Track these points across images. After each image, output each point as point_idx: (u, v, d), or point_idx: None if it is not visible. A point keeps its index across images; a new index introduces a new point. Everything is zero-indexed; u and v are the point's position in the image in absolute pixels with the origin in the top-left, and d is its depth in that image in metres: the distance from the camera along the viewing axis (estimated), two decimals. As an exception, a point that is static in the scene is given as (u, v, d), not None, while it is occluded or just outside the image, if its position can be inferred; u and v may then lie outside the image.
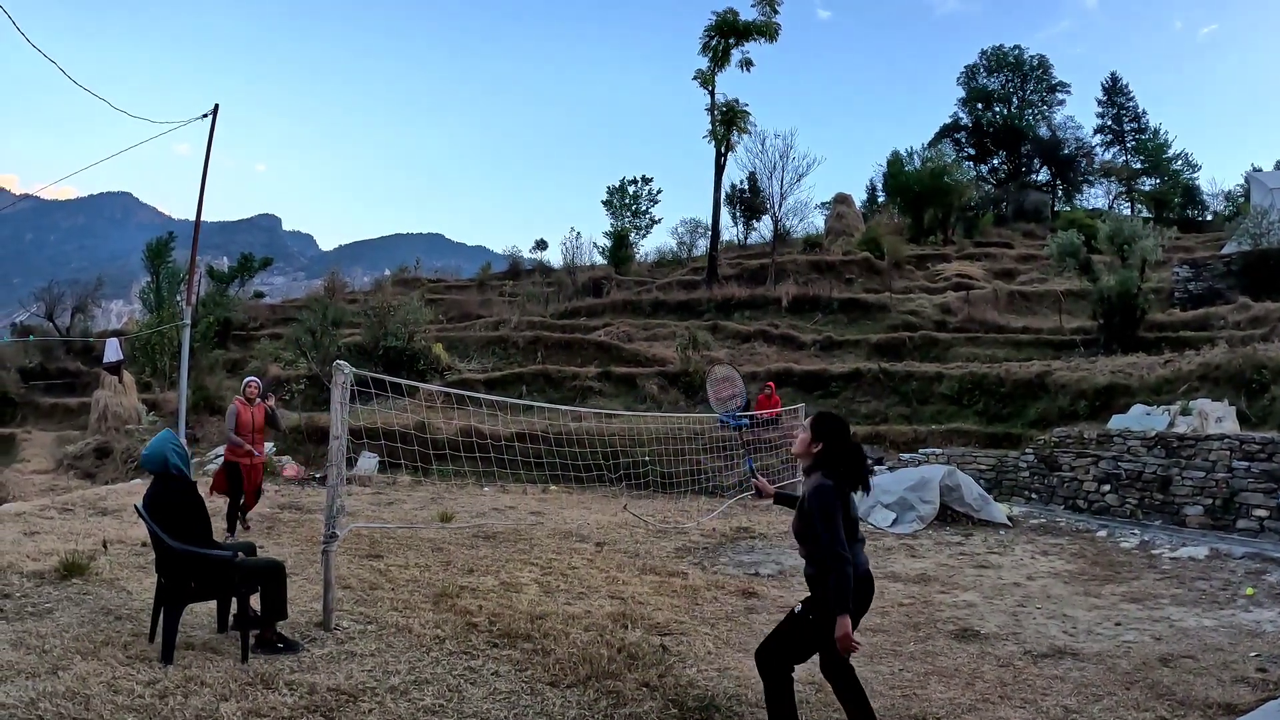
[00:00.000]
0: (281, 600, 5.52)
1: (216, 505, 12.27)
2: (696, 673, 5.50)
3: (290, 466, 17.33)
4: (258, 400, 10.13)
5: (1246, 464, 11.63)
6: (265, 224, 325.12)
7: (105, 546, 8.16)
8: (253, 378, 10.69)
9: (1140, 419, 14.16)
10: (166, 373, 27.68)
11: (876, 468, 16.75)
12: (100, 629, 5.64)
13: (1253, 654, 6.00)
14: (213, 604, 5.87)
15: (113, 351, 24.87)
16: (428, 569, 8.26)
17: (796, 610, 4.21)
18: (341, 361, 6.14)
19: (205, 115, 16.95)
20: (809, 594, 4.20)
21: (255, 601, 5.52)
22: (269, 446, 15.36)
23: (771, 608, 7.55)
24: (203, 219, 17.35)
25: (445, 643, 5.85)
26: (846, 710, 4.27)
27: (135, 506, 5.67)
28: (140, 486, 13.41)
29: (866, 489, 4.23)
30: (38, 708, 4.23)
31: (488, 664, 5.46)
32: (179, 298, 30.96)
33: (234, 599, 5.52)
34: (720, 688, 5.21)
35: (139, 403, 23.94)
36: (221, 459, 10.86)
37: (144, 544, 8.25)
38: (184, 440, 15.17)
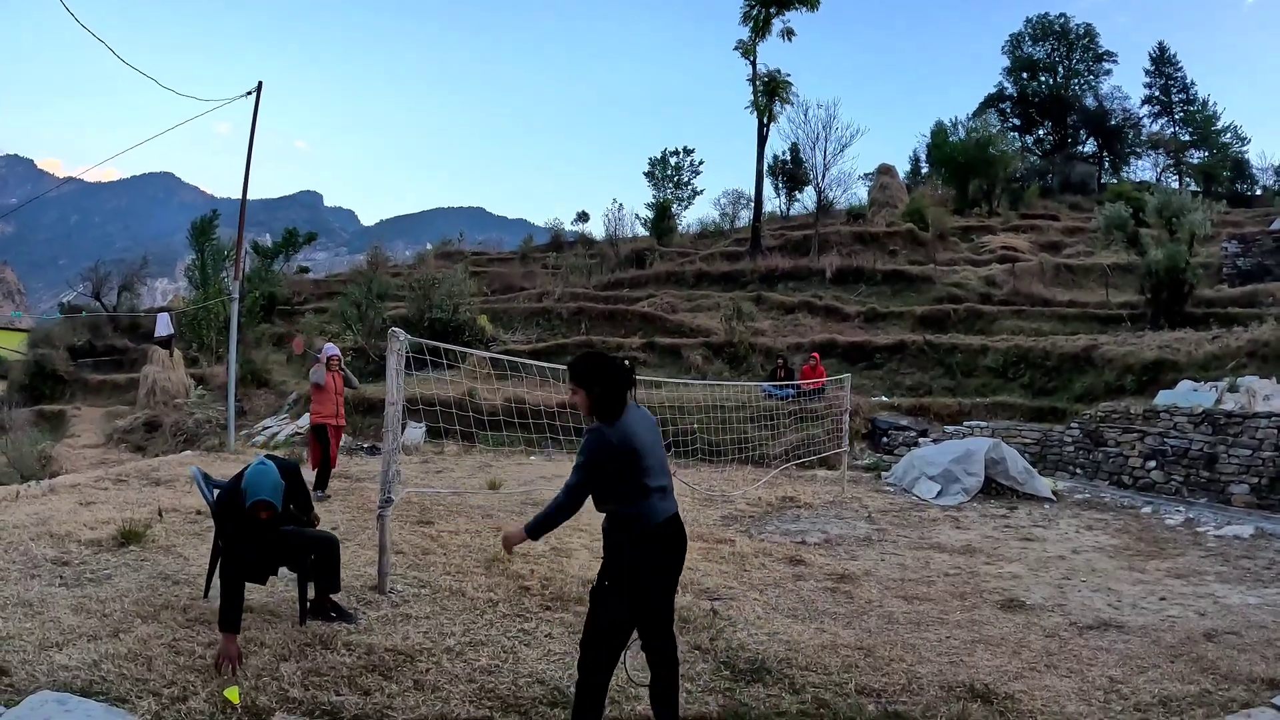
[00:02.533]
0: (335, 573, 5.58)
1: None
2: (747, 636, 5.61)
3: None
4: (335, 367, 11.09)
5: (1295, 443, 11.47)
6: (307, 200, 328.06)
7: (160, 515, 8.30)
8: (332, 346, 11.65)
9: (1187, 395, 14.00)
10: (213, 348, 28.23)
11: (920, 440, 16.73)
12: (159, 593, 5.77)
13: None
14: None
15: (164, 326, 25.40)
16: (478, 534, 8.42)
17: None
18: (397, 329, 6.26)
19: (249, 93, 17.22)
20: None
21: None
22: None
23: (819, 574, 7.65)
24: (246, 197, 17.65)
25: (498, 606, 5.98)
26: (653, 674, 3.95)
27: (194, 474, 5.76)
28: (190, 458, 13.76)
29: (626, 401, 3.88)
30: (100, 669, 4.35)
31: (541, 626, 5.59)
32: (224, 274, 31.50)
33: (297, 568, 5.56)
34: (770, 651, 5.31)
35: (187, 377, 24.45)
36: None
37: (199, 512, 8.46)
38: (232, 413, 15.52)
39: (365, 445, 16.60)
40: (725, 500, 11.67)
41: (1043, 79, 58.53)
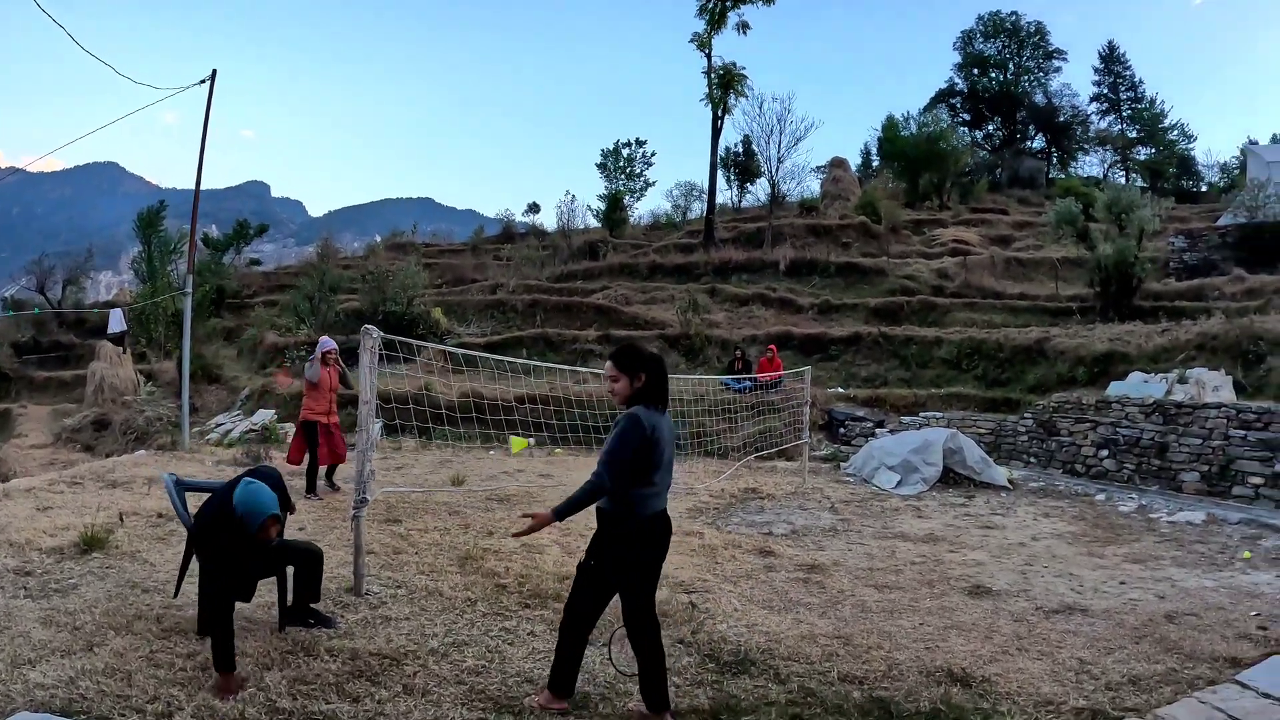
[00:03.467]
0: (317, 584, 5.50)
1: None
2: (727, 628, 5.67)
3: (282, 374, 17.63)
4: (331, 362, 10.81)
5: (1243, 433, 11.81)
6: (254, 191, 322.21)
7: (122, 519, 8.09)
8: (328, 339, 11.23)
9: (1138, 386, 14.35)
10: (162, 343, 27.66)
11: (877, 430, 16.97)
12: (129, 603, 5.63)
13: (1253, 613, 6.19)
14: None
15: (116, 322, 24.85)
16: (448, 532, 8.37)
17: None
18: (370, 326, 6.21)
19: (202, 81, 16.87)
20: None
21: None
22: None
23: (790, 565, 7.75)
24: (193, 187, 17.33)
25: (477, 605, 5.97)
26: (639, 662, 4.21)
27: (166, 480, 5.68)
28: (146, 458, 13.47)
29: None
30: (79, 686, 4.24)
31: (522, 624, 5.59)
32: (171, 267, 30.85)
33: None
34: (752, 642, 5.38)
35: (135, 374, 23.93)
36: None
37: (159, 515, 8.28)
38: (186, 409, 15.22)
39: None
40: (689, 493, 11.74)
41: (993, 75, 59.62)
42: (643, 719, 4.18)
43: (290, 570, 5.34)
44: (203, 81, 16.87)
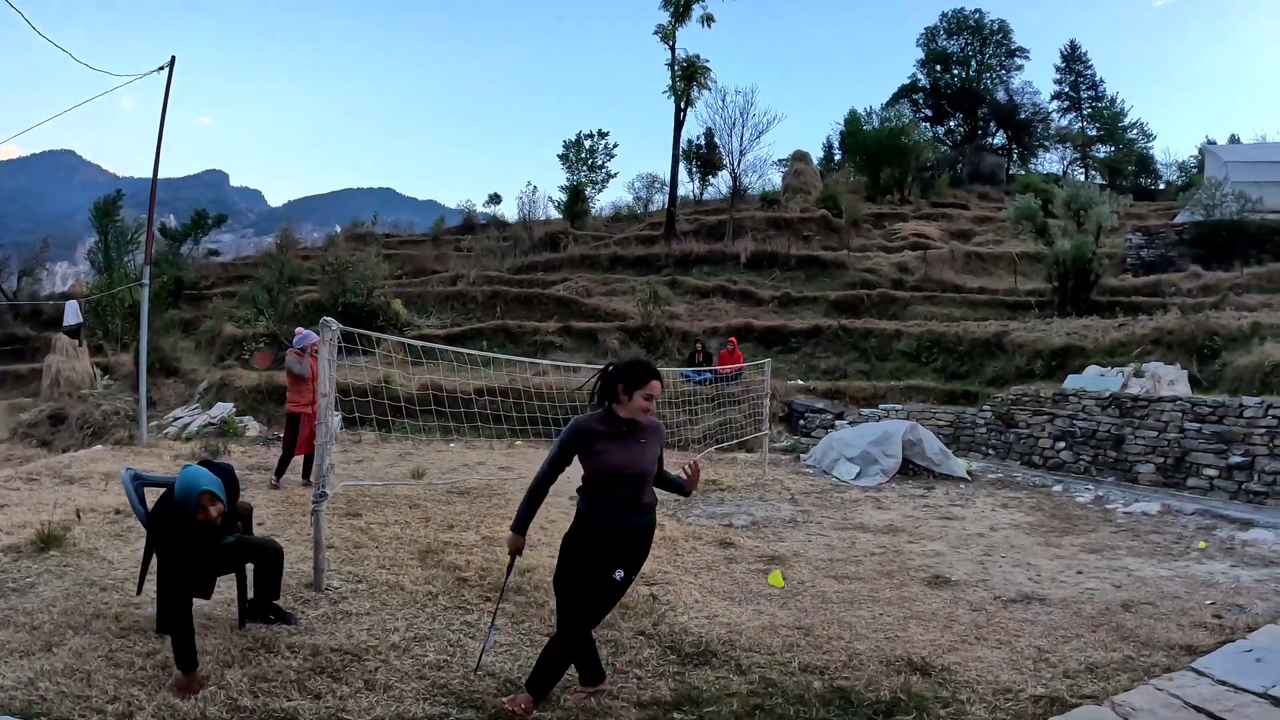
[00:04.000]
0: (278, 581, 5.42)
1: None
2: (688, 620, 5.68)
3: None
4: (310, 354, 10.81)
5: (1197, 425, 12.03)
6: (212, 180, 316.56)
7: (79, 516, 7.95)
8: (312, 333, 11.00)
9: (1095, 380, 14.57)
10: (118, 335, 27.19)
11: (837, 422, 17.09)
12: (88, 601, 5.53)
13: (1208, 602, 6.31)
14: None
15: (72, 314, 24.36)
16: (408, 525, 8.32)
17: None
18: (329, 318, 6.15)
19: (161, 68, 16.56)
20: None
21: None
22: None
23: (750, 556, 7.79)
24: (149, 176, 17.03)
25: (438, 598, 5.94)
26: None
27: (135, 511, 5.43)
28: (103, 453, 13.25)
29: None
30: (38, 687, 4.17)
31: (484, 618, 5.54)
32: (128, 258, 30.33)
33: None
34: (713, 634, 5.40)
35: (92, 367, 23.48)
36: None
37: (117, 511, 8.15)
38: (145, 404, 14.98)
39: (279, 435, 16.19)
40: (650, 484, 11.73)
41: (956, 72, 60.21)
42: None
43: (250, 568, 5.29)
44: (162, 68, 16.55)
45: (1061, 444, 13.98)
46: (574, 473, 4.35)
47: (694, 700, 4.35)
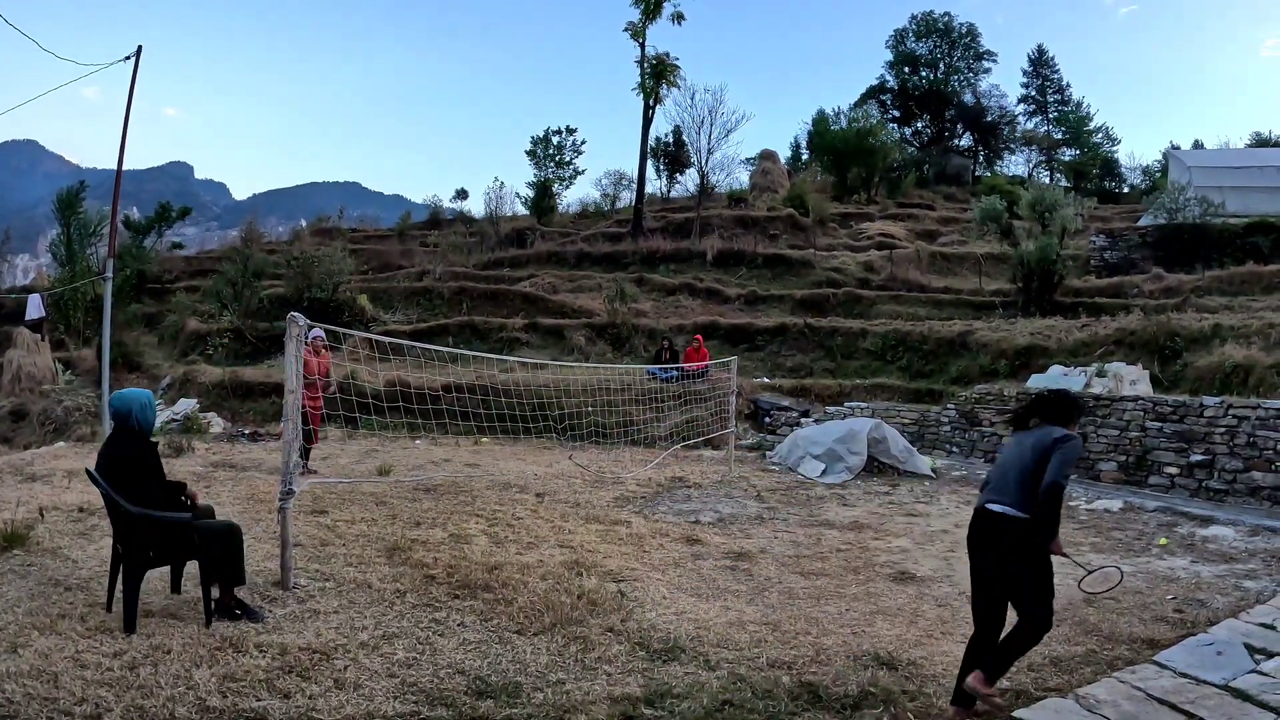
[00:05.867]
0: (240, 564, 5.43)
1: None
2: (656, 616, 5.72)
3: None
4: (323, 351, 11.27)
5: (1159, 425, 12.21)
6: (176, 172, 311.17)
7: (42, 514, 7.82)
8: (318, 329, 11.18)
9: (1058, 379, 14.75)
10: (81, 330, 26.78)
11: (802, 420, 17.18)
12: (53, 601, 5.45)
13: (1169, 597, 6.46)
14: (165, 568, 5.72)
15: (34, 308, 24.01)
16: (375, 523, 8.29)
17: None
18: (296, 314, 6.10)
19: (128, 58, 16.37)
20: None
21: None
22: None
23: (717, 553, 7.84)
24: (113, 167, 16.83)
25: (406, 596, 5.93)
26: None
27: (87, 470, 5.49)
28: (66, 450, 13.07)
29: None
30: (4, 690, 4.11)
31: (452, 615, 5.56)
32: (91, 251, 29.85)
33: (195, 561, 5.38)
34: (681, 630, 5.44)
35: (54, 362, 23.14)
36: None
37: (81, 509, 8.05)
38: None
39: (246, 432, 16.06)
40: (616, 482, 11.79)
41: (924, 74, 60.59)
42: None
43: (213, 555, 5.29)
44: (128, 58, 16.38)
45: (1024, 442, 14.12)
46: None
47: (664, 696, 4.39)
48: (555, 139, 49.74)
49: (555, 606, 5.66)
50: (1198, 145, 45.14)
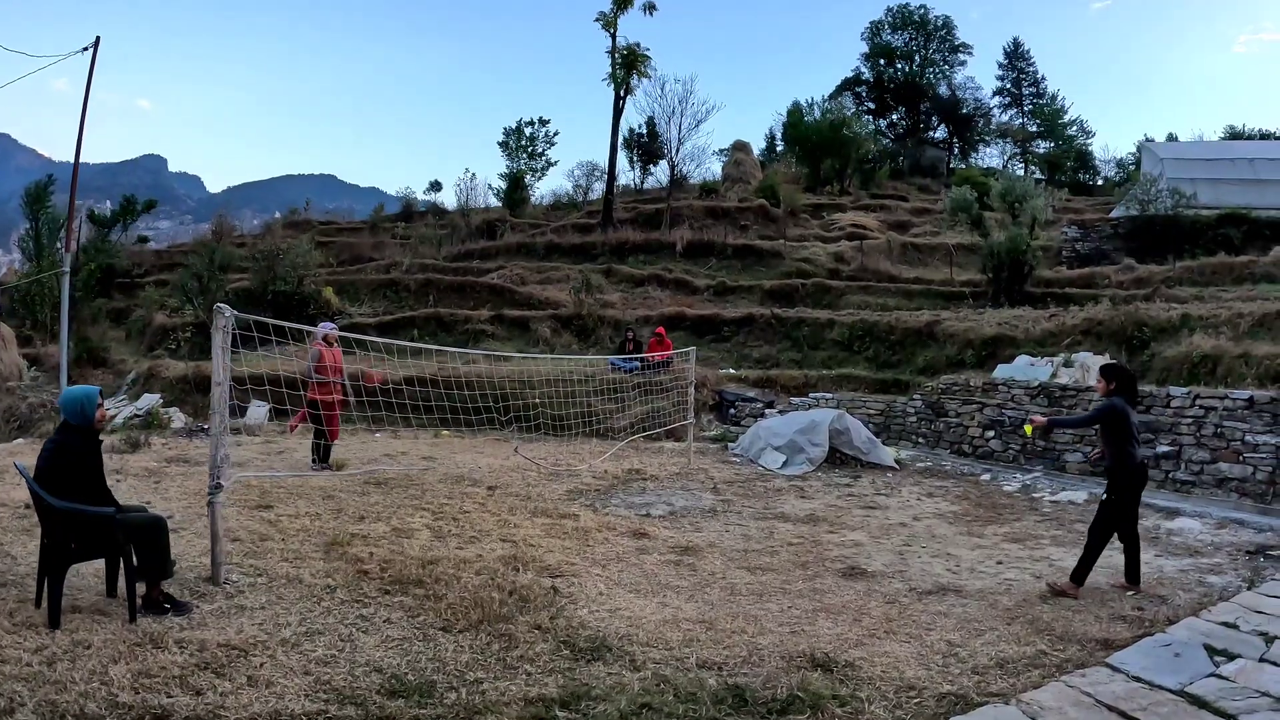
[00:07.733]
0: (165, 558, 5.32)
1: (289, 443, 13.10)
2: (588, 613, 5.58)
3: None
4: (335, 344, 11.33)
5: (1126, 415, 12.20)
6: (150, 165, 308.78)
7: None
8: (330, 324, 11.74)
9: (1024, 369, 14.73)
10: (48, 325, 26.36)
11: (767, 411, 17.09)
12: (-15, 597, 5.34)
13: (1129, 594, 6.32)
14: (100, 566, 5.65)
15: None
16: (318, 517, 8.14)
17: (1102, 498, 6.67)
18: (222, 305, 5.93)
19: (85, 49, 16.10)
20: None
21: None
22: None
23: (663, 547, 7.70)
24: (84, 160, 16.53)
25: (336, 592, 5.79)
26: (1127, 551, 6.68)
27: (15, 465, 5.44)
28: (22, 447, 12.81)
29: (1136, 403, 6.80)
30: None
31: (380, 611, 5.43)
32: (59, 245, 29.41)
33: (120, 558, 5.27)
34: (611, 628, 5.29)
35: (19, 358, 22.74)
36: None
37: (26, 505, 7.84)
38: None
39: (204, 427, 15.80)
40: (571, 475, 11.67)
41: (899, 66, 60.57)
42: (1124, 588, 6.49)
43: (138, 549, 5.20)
44: (86, 49, 16.09)
45: (991, 433, 14.11)
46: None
47: (580, 697, 4.23)
48: (528, 130, 49.58)
49: (484, 603, 5.52)
50: (1172, 138, 45.29)
